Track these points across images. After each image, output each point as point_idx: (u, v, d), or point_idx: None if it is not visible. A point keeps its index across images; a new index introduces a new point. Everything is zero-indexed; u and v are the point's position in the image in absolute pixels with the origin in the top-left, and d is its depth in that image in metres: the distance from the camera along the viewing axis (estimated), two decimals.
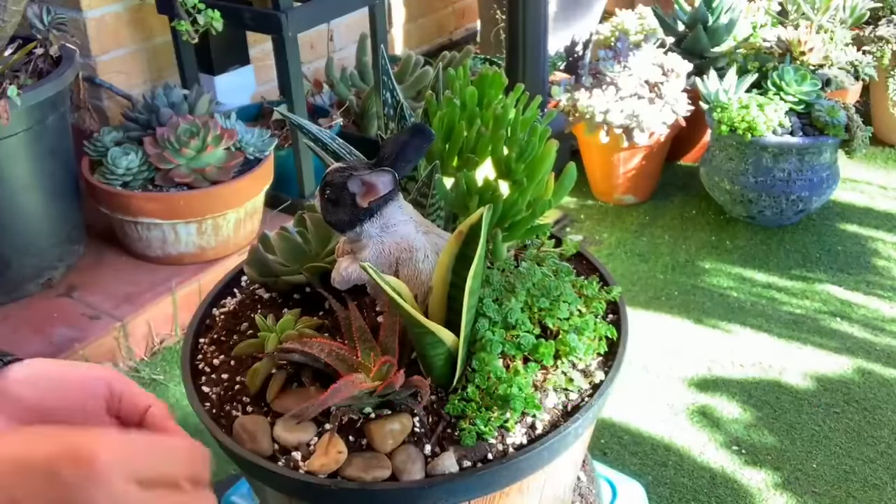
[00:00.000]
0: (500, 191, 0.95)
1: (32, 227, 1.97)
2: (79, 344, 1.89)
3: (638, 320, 2.10)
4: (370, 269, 0.80)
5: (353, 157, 1.01)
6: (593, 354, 0.96)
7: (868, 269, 2.26)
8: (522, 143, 0.95)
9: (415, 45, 3.33)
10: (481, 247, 0.83)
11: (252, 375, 0.94)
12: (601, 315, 1.01)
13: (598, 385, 0.93)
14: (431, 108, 1.01)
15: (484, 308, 0.92)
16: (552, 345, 0.92)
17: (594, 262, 1.11)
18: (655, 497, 1.62)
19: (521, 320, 0.92)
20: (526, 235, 1.01)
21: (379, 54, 1.76)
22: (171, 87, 2.14)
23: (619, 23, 2.79)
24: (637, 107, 2.36)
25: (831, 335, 2.04)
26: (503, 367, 0.89)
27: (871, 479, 1.66)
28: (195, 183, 2.04)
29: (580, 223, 2.51)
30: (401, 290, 0.83)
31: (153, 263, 2.11)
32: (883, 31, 2.63)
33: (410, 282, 0.89)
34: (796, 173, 2.31)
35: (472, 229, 0.84)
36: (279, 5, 2.06)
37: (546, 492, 0.96)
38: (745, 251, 2.35)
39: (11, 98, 1.74)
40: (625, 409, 1.83)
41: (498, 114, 0.96)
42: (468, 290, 0.83)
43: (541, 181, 0.97)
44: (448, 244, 0.86)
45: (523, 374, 0.89)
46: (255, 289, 1.12)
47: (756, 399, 1.86)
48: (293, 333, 0.95)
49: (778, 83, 2.34)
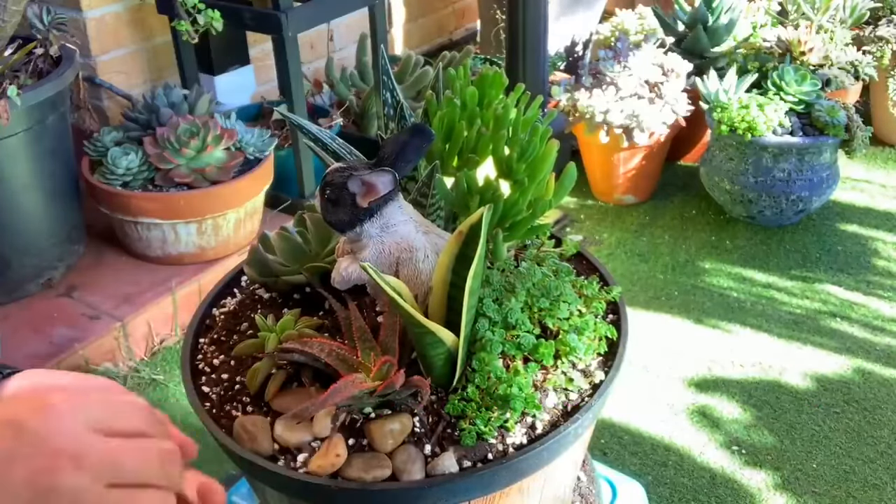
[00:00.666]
0: (500, 190, 0.95)
1: (32, 227, 1.97)
2: (79, 344, 1.89)
3: (638, 320, 2.10)
4: (370, 269, 0.80)
5: (353, 157, 1.01)
6: (593, 354, 0.96)
7: (868, 269, 2.26)
8: (524, 143, 0.95)
9: (415, 45, 3.33)
10: (481, 247, 0.83)
11: (252, 375, 0.94)
12: (601, 315, 1.01)
13: (598, 385, 0.93)
14: (431, 108, 1.01)
15: (484, 308, 0.92)
16: (552, 345, 0.92)
17: (594, 262, 1.11)
18: (655, 497, 1.62)
19: (521, 320, 0.92)
20: (526, 235, 1.01)
21: (379, 54, 1.76)
22: (171, 87, 2.14)
23: (619, 23, 2.78)
24: (637, 107, 2.36)
25: (831, 335, 2.04)
26: (503, 367, 0.89)
27: (871, 479, 1.66)
28: (195, 183, 2.04)
29: (580, 223, 2.51)
30: (401, 290, 0.83)
31: (153, 263, 2.11)
32: (883, 31, 2.63)
33: (410, 282, 0.89)
34: (796, 173, 2.31)
35: (472, 229, 0.84)
36: (279, 5, 2.06)
37: (546, 492, 0.96)
38: (745, 251, 2.35)
39: (11, 98, 1.74)
40: (625, 409, 1.83)
41: (499, 114, 0.96)
42: (468, 290, 0.83)
43: (542, 181, 0.97)
44: (448, 244, 0.86)
45: (523, 374, 0.89)
46: (255, 289, 1.12)
47: (756, 399, 1.86)
48: (293, 333, 0.95)
49: (778, 83, 2.34)
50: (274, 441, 0.88)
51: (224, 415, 0.93)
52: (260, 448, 0.87)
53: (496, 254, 0.99)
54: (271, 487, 0.90)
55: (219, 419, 0.92)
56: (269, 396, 0.92)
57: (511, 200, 0.96)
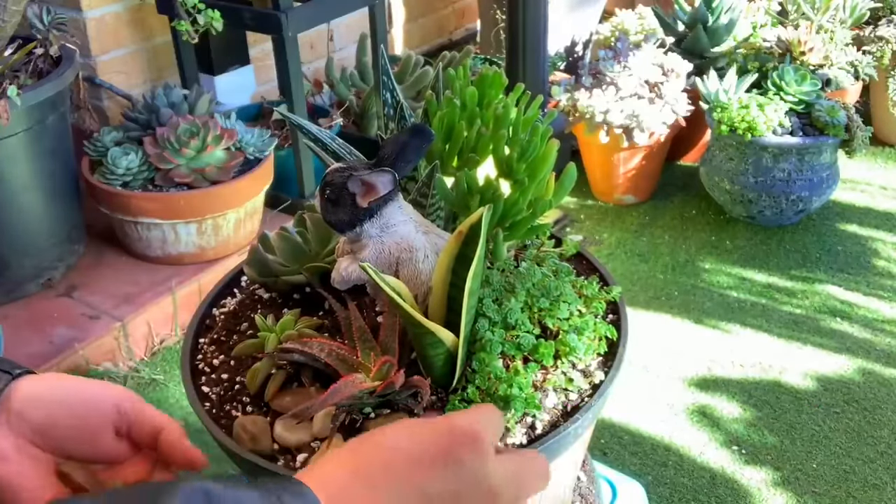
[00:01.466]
0: (500, 190, 0.95)
1: (32, 227, 1.97)
2: (79, 344, 1.89)
3: (638, 320, 2.10)
4: (370, 270, 0.80)
5: (353, 157, 1.01)
6: (593, 354, 0.96)
7: (868, 269, 2.26)
8: (524, 143, 0.95)
9: (415, 45, 3.33)
10: (481, 247, 0.83)
11: (252, 375, 0.94)
12: (601, 315, 1.01)
13: (597, 385, 0.93)
14: (431, 108, 1.01)
15: (484, 308, 0.92)
16: (552, 345, 0.92)
17: (594, 262, 1.11)
18: (655, 497, 1.62)
19: (521, 320, 0.92)
20: (526, 235, 1.01)
21: (379, 54, 1.76)
22: (171, 87, 2.14)
23: (619, 23, 2.78)
24: (637, 107, 2.36)
25: (831, 335, 2.04)
26: (503, 368, 0.89)
27: (871, 479, 1.66)
28: (195, 183, 2.04)
29: (580, 223, 2.51)
30: (400, 290, 0.83)
31: (153, 263, 2.11)
32: (883, 31, 2.63)
33: (410, 282, 0.89)
34: (796, 173, 2.31)
35: (472, 229, 0.84)
36: (279, 5, 2.06)
37: (546, 492, 0.96)
38: (745, 251, 2.35)
39: (11, 98, 1.74)
40: (625, 409, 1.83)
41: (499, 113, 0.96)
42: (468, 291, 0.83)
43: (542, 180, 0.97)
44: (448, 244, 0.86)
45: (523, 374, 0.89)
46: (255, 289, 1.12)
47: (756, 399, 1.86)
48: (293, 333, 0.95)
49: (778, 83, 2.34)
50: (274, 441, 0.88)
51: (224, 415, 0.93)
52: (260, 448, 0.87)
53: (496, 254, 0.99)
54: None
55: (218, 419, 0.92)
56: (268, 396, 0.92)
57: (511, 200, 0.96)
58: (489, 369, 0.88)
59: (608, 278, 1.08)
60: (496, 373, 0.88)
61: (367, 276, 0.81)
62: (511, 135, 0.96)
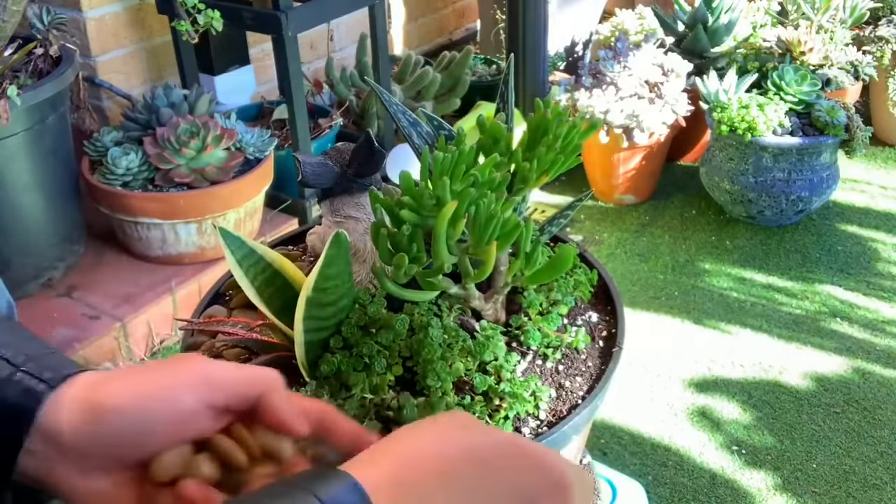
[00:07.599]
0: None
1: (32, 227, 1.97)
2: (79, 344, 1.89)
3: (638, 320, 2.10)
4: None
5: (417, 134, 0.99)
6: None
7: (868, 270, 2.26)
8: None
9: (415, 45, 3.33)
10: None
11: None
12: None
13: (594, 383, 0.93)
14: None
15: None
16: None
17: (594, 262, 1.11)
18: (655, 497, 1.62)
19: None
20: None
21: (380, 57, 1.76)
22: (171, 88, 2.14)
23: (619, 23, 2.78)
24: (637, 107, 2.36)
25: (831, 335, 2.04)
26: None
27: (871, 479, 1.66)
28: (195, 183, 2.04)
29: (580, 223, 2.51)
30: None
31: (153, 263, 2.11)
32: (883, 31, 2.63)
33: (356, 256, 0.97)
34: (796, 173, 2.31)
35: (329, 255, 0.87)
36: (279, 5, 2.06)
37: None
38: (745, 251, 2.35)
39: (11, 98, 1.74)
40: (625, 409, 1.83)
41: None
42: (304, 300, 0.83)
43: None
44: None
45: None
46: None
47: (756, 399, 1.85)
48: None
49: (778, 83, 2.34)
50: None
51: None
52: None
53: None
54: None
55: None
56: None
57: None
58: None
59: (607, 278, 1.08)
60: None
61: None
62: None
